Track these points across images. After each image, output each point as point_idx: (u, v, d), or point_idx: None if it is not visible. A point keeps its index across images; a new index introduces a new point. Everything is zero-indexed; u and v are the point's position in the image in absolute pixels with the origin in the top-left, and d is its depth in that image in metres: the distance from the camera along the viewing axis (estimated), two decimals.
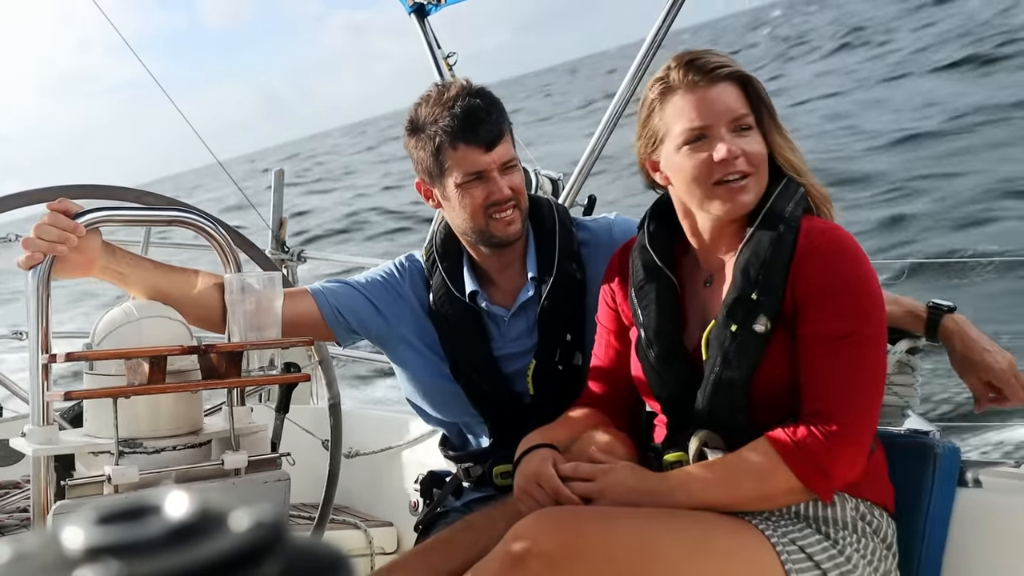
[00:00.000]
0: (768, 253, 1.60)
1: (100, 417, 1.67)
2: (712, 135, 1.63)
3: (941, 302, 1.82)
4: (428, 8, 3.01)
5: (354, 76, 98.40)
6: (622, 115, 2.85)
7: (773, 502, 1.57)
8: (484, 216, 1.97)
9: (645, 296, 1.74)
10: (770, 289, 1.58)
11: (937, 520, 1.80)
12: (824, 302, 1.56)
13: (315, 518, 2.40)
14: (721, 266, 1.72)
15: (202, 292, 1.91)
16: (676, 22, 2.72)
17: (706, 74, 1.63)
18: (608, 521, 1.51)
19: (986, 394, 1.78)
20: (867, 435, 1.58)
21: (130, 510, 0.33)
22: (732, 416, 1.61)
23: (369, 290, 2.12)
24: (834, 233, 1.62)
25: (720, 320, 1.62)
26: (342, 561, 0.35)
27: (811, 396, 1.56)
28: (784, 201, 1.64)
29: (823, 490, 1.55)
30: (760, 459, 1.54)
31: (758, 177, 1.64)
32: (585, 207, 2.83)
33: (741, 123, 1.64)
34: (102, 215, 1.78)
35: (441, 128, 1.94)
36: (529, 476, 1.65)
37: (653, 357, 1.71)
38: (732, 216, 1.66)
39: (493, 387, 2.05)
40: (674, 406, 1.70)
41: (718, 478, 1.56)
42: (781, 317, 1.59)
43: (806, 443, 1.52)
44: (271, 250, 3.87)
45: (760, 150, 1.64)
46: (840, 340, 1.55)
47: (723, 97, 1.63)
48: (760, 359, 1.58)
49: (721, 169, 1.62)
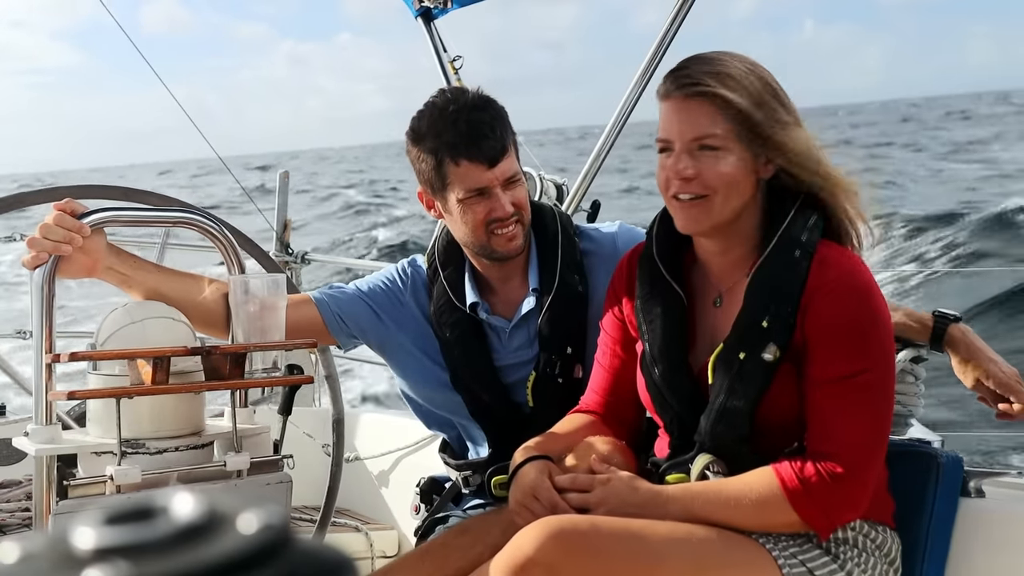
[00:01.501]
0: (781, 281, 1.57)
1: (103, 417, 1.67)
2: (674, 150, 1.61)
3: (947, 311, 1.82)
4: (435, 12, 3.02)
5: (288, 107, 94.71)
6: (627, 121, 2.85)
7: (770, 530, 1.56)
8: (486, 232, 1.95)
9: (651, 310, 1.71)
10: (781, 318, 1.56)
11: (940, 530, 1.80)
12: (833, 342, 1.54)
13: (316, 520, 2.40)
14: (732, 286, 1.68)
15: (205, 296, 1.91)
16: (683, 27, 2.72)
17: (679, 87, 1.61)
18: (610, 532, 1.49)
19: (997, 402, 1.78)
20: (872, 478, 1.57)
21: (138, 511, 0.33)
22: (736, 444, 1.60)
23: (371, 296, 2.11)
24: (848, 267, 1.58)
25: (729, 345, 1.59)
26: (347, 564, 0.35)
27: (818, 436, 1.54)
28: (799, 225, 1.60)
29: (822, 529, 1.55)
30: (763, 490, 1.53)
31: (715, 199, 1.59)
32: (589, 212, 2.82)
33: (703, 143, 1.59)
34: (107, 215, 1.78)
35: (443, 142, 1.92)
36: (526, 490, 1.63)
37: (658, 375, 1.69)
38: (685, 232, 1.65)
39: (492, 397, 2.04)
40: (678, 425, 1.69)
41: (719, 501, 1.55)
42: (790, 347, 1.56)
43: (811, 483, 1.51)
44: (275, 252, 3.87)
45: (722, 172, 1.58)
46: (848, 381, 1.53)
47: (690, 114, 1.59)
48: (767, 388, 1.56)
49: (674, 186, 1.61)
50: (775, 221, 1.63)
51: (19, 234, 3.69)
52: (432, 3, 2.96)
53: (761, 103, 1.59)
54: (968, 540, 1.81)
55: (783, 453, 1.56)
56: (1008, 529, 1.81)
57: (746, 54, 1.66)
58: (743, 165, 1.60)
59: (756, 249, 1.64)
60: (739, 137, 1.58)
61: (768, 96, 1.60)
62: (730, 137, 1.58)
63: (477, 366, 2.05)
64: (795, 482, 1.52)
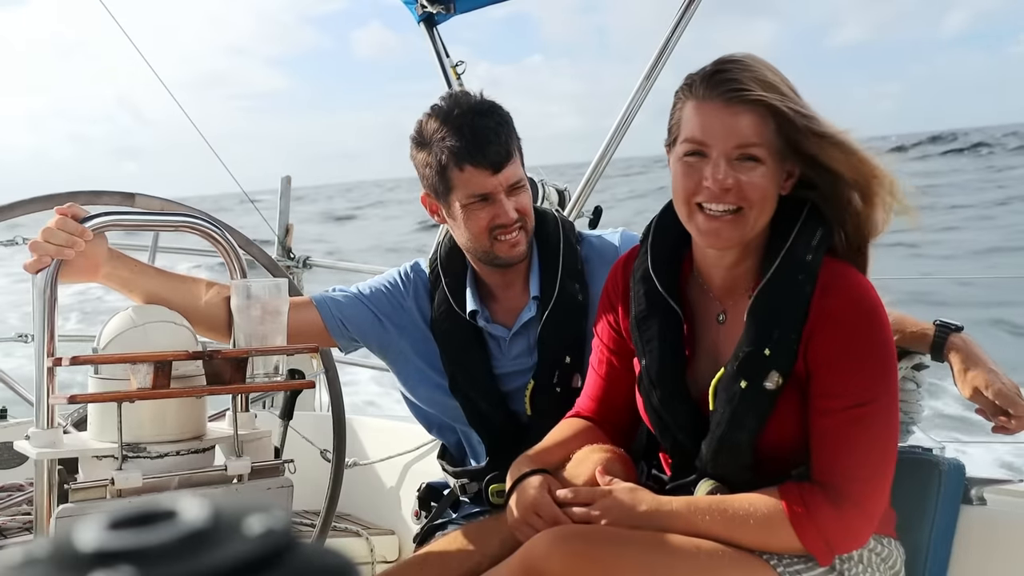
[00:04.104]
0: (784, 307, 1.53)
1: (104, 421, 1.67)
2: (709, 155, 1.53)
3: (949, 321, 1.81)
4: (437, 17, 3.03)
5: None
6: (630, 126, 2.85)
7: (771, 551, 1.54)
8: (489, 237, 1.95)
9: (647, 331, 1.66)
10: (784, 345, 1.52)
11: (941, 537, 1.79)
12: (837, 372, 1.51)
13: (316, 525, 2.40)
14: (735, 303, 1.64)
15: (207, 300, 1.90)
16: (684, 34, 2.72)
17: (724, 91, 1.51)
18: (620, 543, 1.48)
19: (996, 414, 1.76)
20: (879, 510, 1.54)
21: (143, 515, 0.33)
22: (737, 472, 1.58)
23: (372, 300, 2.11)
24: (853, 293, 1.53)
25: (730, 373, 1.55)
26: (349, 568, 0.35)
27: (823, 468, 1.52)
28: (803, 243, 1.55)
29: (823, 556, 1.52)
30: (767, 513, 1.51)
31: (750, 214, 1.53)
32: (591, 219, 2.82)
33: (745, 152, 1.51)
34: (109, 219, 1.78)
35: (448, 147, 1.91)
36: (527, 506, 1.60)
37: (656, 401, 1.65)
38: (711, 247, 1.58)
39: (490, 405, 2.04)
40: (678, 449, 1.66)
41: (722, 519, 1.52)
42: (793, 374, 1.53)
43: (816, 514, 1.49)
44: (277, 257, 3.88)
45: (760, 184, 1.52)
46: (853, 411, 1.50)
47: (735, 120, 1.51)
48: (769, 416, 1.54)
49: (705, 195, 1.53)
50: (779, 234, 1.58)
51: (20, 238, 3.70)
52: (435, 8, 2.97)
53: (797, 111, 1.51)
54: (969, 547, 1.80)
55: (789, 476, 1.55)
56: (1010, 536, 1.81)
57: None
58: (775, 179, 1.54)
59: (759, 264, 1.60)
60: (775, 149, 1.52)
61: (799, 101, 1.53)
62: (770, 148, 1.52)
63: (475, 373, 2.04)
64: (800, 510, 1.49)
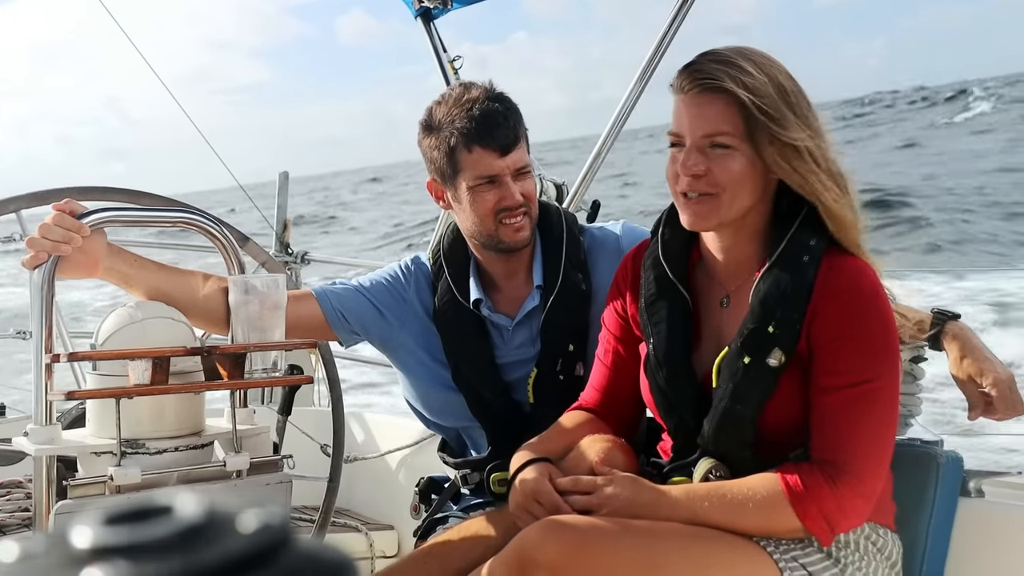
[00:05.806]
0: (788, 286, 1.56)
1: (103, 417, 1.67)
2: (685, 145, 1.59)
3: (946, 309, 1.82)
4: (434, 12, 3.02)
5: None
6: (626, 121, 2.85)
7: (772, 535, 1.56)
8: (494, 221, 1.97)
9: (656, 313, 1.70)
10: (787, 324, 1.55)
11: (939, 530, 1.80)
12: (840, 350, 1.53)
13: (315, 520, 2.40)
14: (739, 287, 1.67)
15: (206, 294, 1.90)
16: (682, 28, 2.72)
17: (693, 82, 1.57)
18: (613, 533, 1.49)
19: (981, 402, 1.76)
20: (877, 488, 1.56)
21: (138, 511, 0.33)
22: (738, 449, 1.59)
23: (373, 293, 2.11)
24: (855, 274, 1.57)
25: (734, 350, 1.58)
26: (347, 564, 0.35)
27: (823, 444, 1.54)
28: (808, 230, 1.59)
29: (824, 536, 1.53)
30: (767, 495, 1.52)
31: (723, 198, 1.58)
32: (589, 212, 2.82)
33: (713, 140, 1.56)
34: (107, 215, 1.78)
35: (457, 129, 1.94)
36: (527, 493, 1.62)
37: (662, 380, 1.68)
38: (691, 229, 1.64)
39: (493, 394, 2.05)
40: (681, 429, 1.68)
41: (722, 504, 1.54)
42: (796, 353, 1.56)
43: (815, 492, 1.50)
44: (275, 252, 3.87)
45: (731, 170, 1.56)
46: (854, 389, 1.52)
47: (702, 110, 1.57)
48: (771, 393, 1.56)
49: (682, 183, 1.60)
50: (785, 222, 1.61)
51: (18, 234, 3.69)
52: (432, 3, 2.97)
53: (771, 104, 1.54)
54: (967, 540, 1.81)
55: (788, 458, 1.56)
56: (1008, 529, 1.81)
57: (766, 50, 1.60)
58: (752, 164, 1.57)
59: (764, 249, 1.63)
60: (749, 136, 1.56)
61: (778, 97, 1.56)
62: (740, 136, 1.56)
63: (479, 363, 2.05)
64: (800, 489, 1.51)
